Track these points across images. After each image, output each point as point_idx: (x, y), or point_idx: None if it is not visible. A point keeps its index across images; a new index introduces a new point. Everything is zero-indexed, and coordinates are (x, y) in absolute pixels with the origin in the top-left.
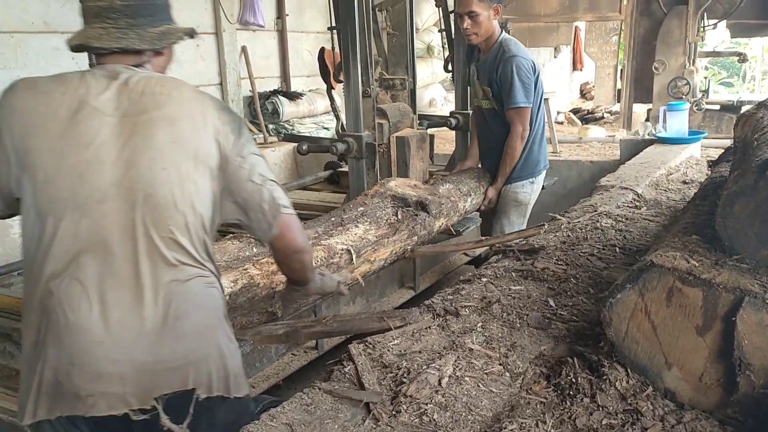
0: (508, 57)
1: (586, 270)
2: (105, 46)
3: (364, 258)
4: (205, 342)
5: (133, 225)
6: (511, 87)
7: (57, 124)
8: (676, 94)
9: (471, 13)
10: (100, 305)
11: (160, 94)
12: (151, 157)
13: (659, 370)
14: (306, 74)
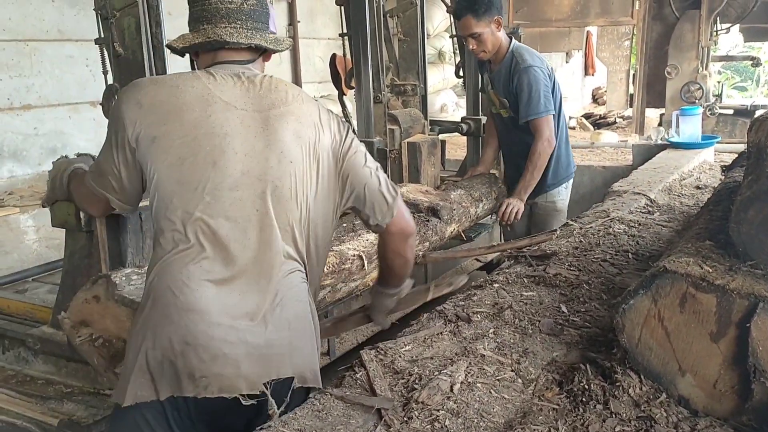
0: (524, 68)
1: (598, 276)
2: (242, 41)
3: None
4: (302, 334)
5: (259, 214)
6: (529, 98)
7: (191, 113)
8: (689, 99)
9: (473, 34)
10: (217, 287)
11: (284, 92)
12: (281, 150)
13: (673, 377)
14: (317, 80)
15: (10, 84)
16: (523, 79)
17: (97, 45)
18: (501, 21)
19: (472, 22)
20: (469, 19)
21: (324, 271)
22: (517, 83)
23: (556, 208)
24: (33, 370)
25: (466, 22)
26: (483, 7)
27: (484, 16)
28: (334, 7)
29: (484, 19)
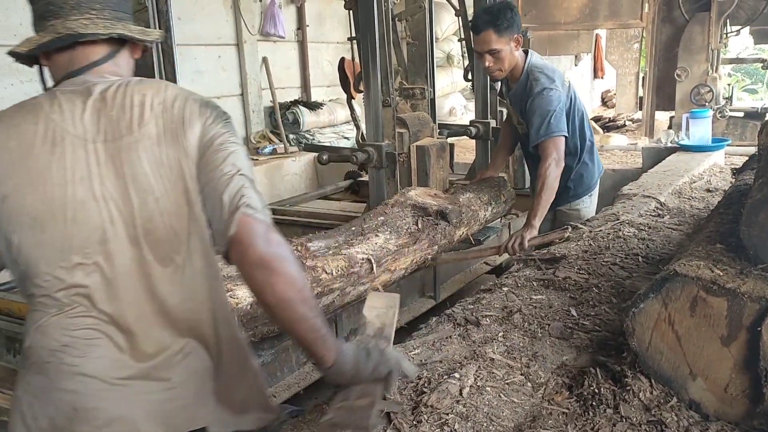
0: (537, 92)
1: (608, 279)
2: (101, 32)
3: (384, 267)
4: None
5: (136, 263)
6: (539, 123)
7: (37, 160)
8: (699, 102)
9: (492, 51)
10: (105, 347)
11: (140, 106)
12: (143, 188)
13: (684, 381)
14: (326, 84)
15: (21, 89)
16: (535, 104)
17: None
18: (520, 40)
19: (493, 38)
20: (490, 34)
21: (333, 275)
22: (529, 107)
23: (580, 216)
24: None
25: (486, 36)
26: (505, 23)
27: (505, 33)
28: (343, 11)
29: (505, 35)
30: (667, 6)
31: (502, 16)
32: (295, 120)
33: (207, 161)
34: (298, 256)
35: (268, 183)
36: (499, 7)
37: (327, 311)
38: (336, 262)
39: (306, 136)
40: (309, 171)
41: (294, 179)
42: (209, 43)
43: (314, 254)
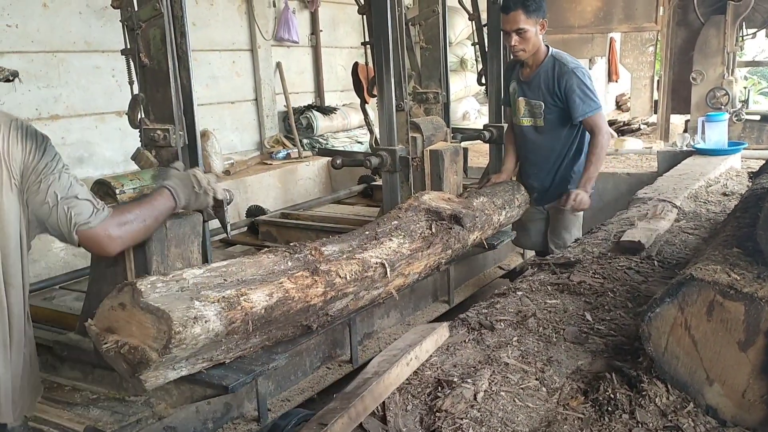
0: (572, 68)
1: (623, 284)
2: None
3: (398, 271)
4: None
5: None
6: (584, 96)
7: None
8: (715, 105)
9: (519, 30)
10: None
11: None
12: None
13: (700, 386)
14: (339, 89)
15: (38, 94)
16: (573, 79)
17: (124, 56)
18: (545, 24)
19: (522, 17)
20: (519, 14)
21: (347, 279)
22: (566, 85)
23: (576, 215)
24: (60, 376)
25: (516, 16)
26: (534, 5)
27: (533, 14)
28: (356, 16)
29: (532, 16)
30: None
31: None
32: (308, 124)
33: (31, 192)
34: (312, 261)
35: (281, 187)
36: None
37: (340, 315)
38: (350, 266)
39: (319, 140)
40: (322, 175)
41: (307, 183)
42: (224, 48)
43: (328, 258)
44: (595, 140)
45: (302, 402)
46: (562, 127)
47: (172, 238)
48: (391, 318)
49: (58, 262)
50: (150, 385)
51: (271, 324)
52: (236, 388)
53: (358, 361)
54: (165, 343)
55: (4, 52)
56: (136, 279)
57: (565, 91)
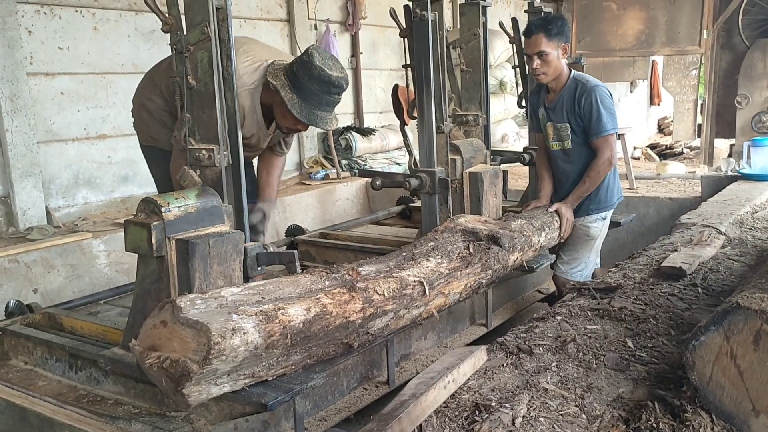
0: (591, 87)
1: (666, 310)
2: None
3: (437, 290)
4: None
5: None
6: (599, 116)
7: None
8: (761, 129)
9: (540, 53)
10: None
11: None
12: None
13: (746, 418)
14: (379, 110)
15: (87, 114)
16: (591, 97)
17: (171, 78)
18: (567, 49)
19: (543, 41)
20: (540, 37)
21: (385, 296)
22: (584, 103)
23: (588, 234)
24: (103, 390)
25: (537, 39)
26: (555, 29)
27: (554, 38)
28: (396, 39)
29: (553, 40)
30: (727, 32)
31: (553, 23)
32: (347, 145)
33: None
34: (350, 280)
35: (320, 207)
36: (552, 16)
37: (381, 334)
38: (387, 283)
39: (358, 161)
40: (361, 196)
41: (346, 204)
42: None
43: (365, 277)
44: (594, 163)
45: (339, 422)
46: (588, 148)
47: (214, 256)
48: (429, 340)
49: (102, 278)
50: (193, 401)
51: (311, 340)
52: (275, 406)
53: (395, 383)
54: (205, 355)
55: (55, 73)
56: (176, 297)
57: (584, 109)
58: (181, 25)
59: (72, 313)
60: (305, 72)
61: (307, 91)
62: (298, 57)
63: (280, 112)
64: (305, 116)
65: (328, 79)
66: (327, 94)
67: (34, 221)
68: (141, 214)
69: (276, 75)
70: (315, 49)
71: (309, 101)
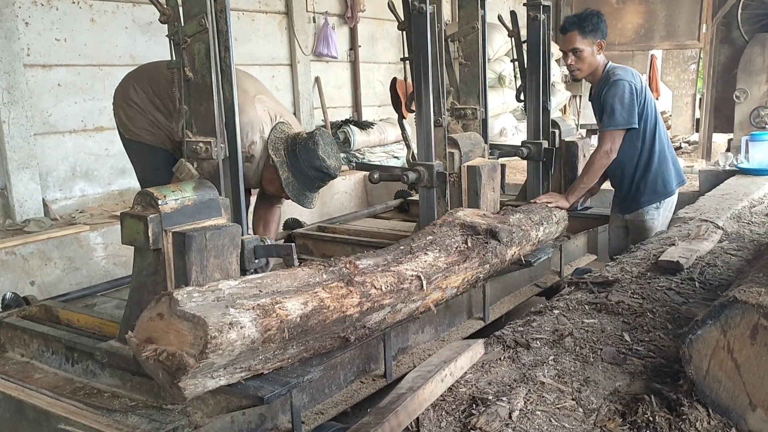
0: (614, 81)
1: (663, 304)
2: None
3: (435, 285)
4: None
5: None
6: (612, 110)
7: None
8: (759, 124)
9: (575, 50)
10: None
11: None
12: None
13: (743, 412)
14: (377, 104)
15: (84, 106)
16: (610, 90)
17: (169, 70)
18: (603, 45)
19: (577, 38)
20: (575, 35)
21: (383, 290)
22: (605, 94)
23: (645, 227)
24: (100, 383)
25: (571, 36)
26: (590, 26)
27: (589, 35)
28: (395, 32)
29: (588, 37)
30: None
31: (588, 20)
32: (345, 139)
33: None
34: (347, 273)
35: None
36: (588, 12)
37: (378, 328)
38: (385, 278)
39: (356, 155)
40: (359, 190)
41: (344, 198)
42: (264, 63)
43: (363, 271)
44: (591, 155)
45: (336, 415)
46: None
47: (211, 248)
48: (426, 333)
49: (99, 271)
50: (189, 394)
51: (308, 334)
52: (271, 399)
53: (392, 376)
54: (202, 349)
55: (52, 65)
56: (173, 290)
57: (604, 102)
58: (178, 17)
59: (68, 305)
60: (307, 158)
61: (304, 175)
62: (303, 140)
63: (269, 178)
64: (295, 196)
65: (326, 171)
66: (320, 182)
67: (31, 213)
68: (137, 206)
69: (276, 149)
70: (320, 136)
71: (302, 183)
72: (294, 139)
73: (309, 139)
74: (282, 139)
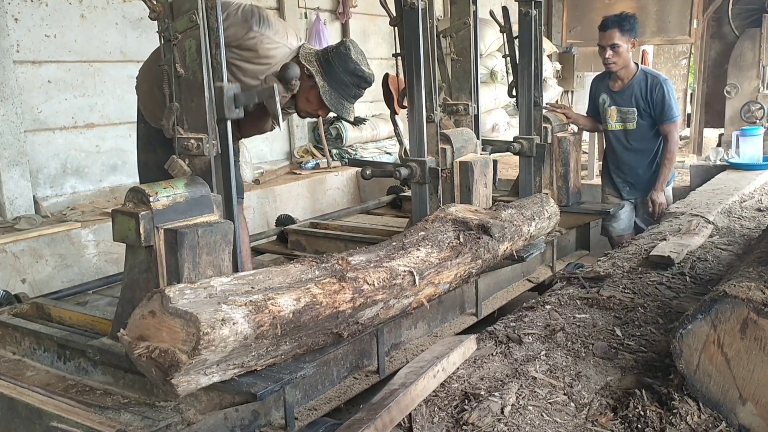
0: (663, 80)
1: (654, 299)
2: None
3: (427, 280)
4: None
5: None
6: (669, 105)
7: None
8: (750, 119)
9: (614, 45)
10: None
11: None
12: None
13: (733, 405)
14: (369, 100)
15: (74, 103)
16: (664, 89)
17: (160, 66)
18: (636, 43)
19: (617, 35)
20: (615, 32)
21: (375, 286)
22: (657, 93)
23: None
24: (92, 380)
25: (612, 33)
26: (628, 26)
27: (626, 33)
28: (387, 28)
29: (626, 35)
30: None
31: (626, 20)
32: (338, 135)
33: None
34: (339, 270)
35: (310, 197)
36: (626, 14)
37: (371, 324)
38: (377, 273)
39: (348, 150)
40: (351, 186)
41: (336, 194)
42: None
43: (355, 267)
44: (667, 147)
45: (329, 411)
46: (651, 129)
47: (203, 245)
48: (419, 329)
49: (91, 268)
50: (182, 391)
51: (301, 330)
52: (264, 395)
53: (385, 372)
54: (194, 345)
55: (42, 61)
56: (165, 287)
57: (656, 99)
58: (169, 13)
59: (60, 303)
60: (341, 63)
61: (340, 81)
62: (333, 47)
63: (305, 96)
64: (333, 105)
65: (362, 74)
66: (357, 88)
67: (21, 211)
68: (129, 203)
69: (309, 60)
70: (351, 43)
71: (339, 91)
72: (325, 50)
73: (340, 45)
74: (312, 53)
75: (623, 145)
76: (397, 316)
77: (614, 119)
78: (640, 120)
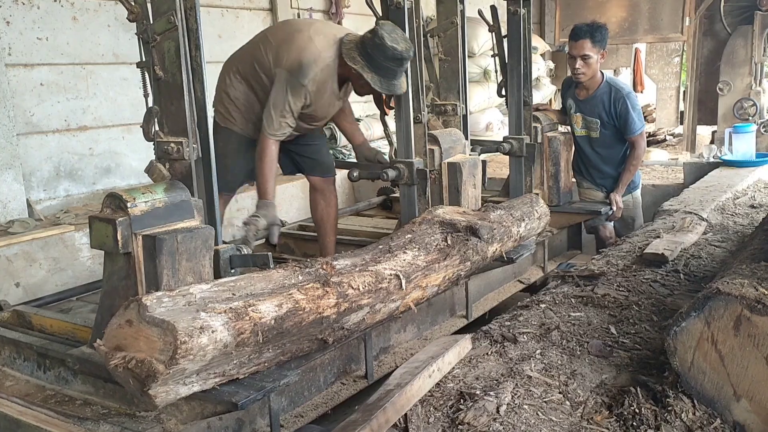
0: (626, 93)
1: (648, 297)
2: None
3: (414, 284)
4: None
5: None
6: (632, 119)
7: None
8: (742, 116)
9: (585, 56)
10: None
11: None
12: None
13: (727, 402)
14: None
15: (67, 106)
16: (626, 104)
17: (139, 69)
18: (605, 55)
19: (588, 45)
20: (587, 42)
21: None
22: (620, 107)
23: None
24: (72, 390)
25: (583, 43)
26: (599, 36)
27: (597, 44)
28: None
29: (597, 46)
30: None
31: (598, 31)
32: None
33: None
34: (323, 274)
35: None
36: (598, 24)
37: (358, 329)
38: (362, 277)
39: (342, 151)
40: (345, 186)
41: None
42: None
43: (340, 272)
44: (633, 153)
45: (316, 418)
46: (615, 139)
47: (183, 251)
48: (408, 332)
49: (85, 271)
50: (161, 401)
51: (284, 337)
52: (246, 404)
53: (373, 377)
54: (171, 354)
55: (34, 64)
56: (142, 295)
57: (619, 113)
58: (147, 14)
59: (42, 311)
60: (380, 54)
61: (384, 68)
62: (369, 39)
63: (360, 83)
64: (386, 89)
65: (400, 56)
66: (399, 67)
67: (15, 214)
68: (106, 209)
69: (352, 57)
70: (382, 29)
71: (386, 76)
72: (362, 42)
73: (374, 36)
74: (353, 48)
75: (590, 149)
76: (384, 321)
77: (580, 125)
78: (603, 130)
